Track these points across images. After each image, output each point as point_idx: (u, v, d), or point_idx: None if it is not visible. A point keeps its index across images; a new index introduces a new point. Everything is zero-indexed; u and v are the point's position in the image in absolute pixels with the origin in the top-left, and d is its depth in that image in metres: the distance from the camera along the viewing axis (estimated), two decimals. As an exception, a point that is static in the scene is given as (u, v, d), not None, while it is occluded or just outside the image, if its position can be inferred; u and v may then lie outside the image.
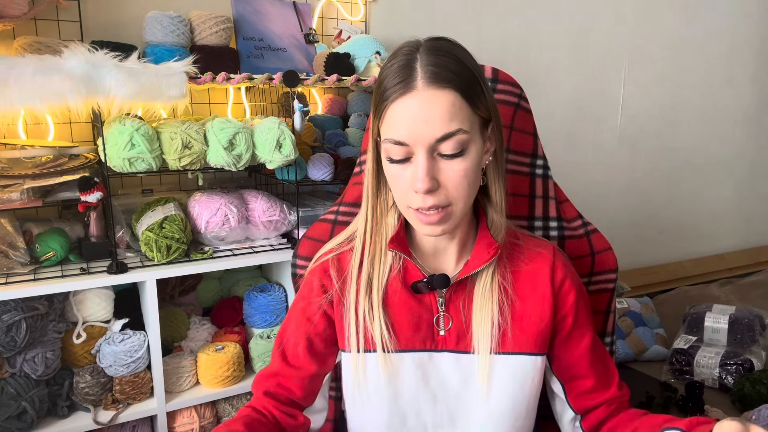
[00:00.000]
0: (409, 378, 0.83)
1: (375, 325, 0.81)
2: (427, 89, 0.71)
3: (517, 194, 1.01)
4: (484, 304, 0.82)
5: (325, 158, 1.62)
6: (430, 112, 0.71)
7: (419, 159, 0.73)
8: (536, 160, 1.02)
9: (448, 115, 0.72)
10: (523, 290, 0.84)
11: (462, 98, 0.73)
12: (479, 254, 0.82)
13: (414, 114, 0.72)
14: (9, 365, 1.30)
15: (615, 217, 2.73)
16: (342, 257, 0.87)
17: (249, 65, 1.64)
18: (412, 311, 0.83)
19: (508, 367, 0.82)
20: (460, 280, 0.83)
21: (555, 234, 1.02)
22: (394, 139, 0.73)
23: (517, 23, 2.32)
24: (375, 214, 0.84)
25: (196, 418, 1.49)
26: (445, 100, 0.72)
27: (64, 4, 1.46)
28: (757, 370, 1.80)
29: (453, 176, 0.74)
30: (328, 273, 0.86)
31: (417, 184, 0.72)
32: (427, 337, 0.83)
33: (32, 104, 1.17)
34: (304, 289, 0.89)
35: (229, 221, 1.48)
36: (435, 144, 0.72)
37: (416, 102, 0.72)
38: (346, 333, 0.84)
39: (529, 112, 1.01)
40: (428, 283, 0.82)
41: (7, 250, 1.32)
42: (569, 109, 2.54)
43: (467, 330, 0.83)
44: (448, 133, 0.72)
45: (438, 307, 0.83)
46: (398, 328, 0.83)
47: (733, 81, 3.03)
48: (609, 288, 1.04)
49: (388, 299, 0.83)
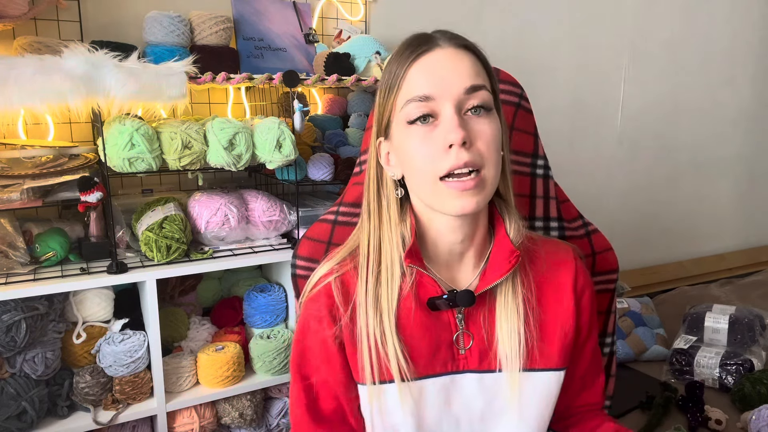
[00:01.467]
0: (431, 404, 0.77)
1: (390, 353, 0.73)
2: (451, 46, 0.71)
3: (518, 194, 1.00)
4: (509, 317, 0.75)
5: (325, 158, 1.62)
6: (458, 63, 0.70)
7: (447, 113, 0.69)
8: (537, 160, 1.02)
9: (474, 69, 0.70)
10: (546, 301, 0.79)
11: (481, 64, 0.72)
12: (499, 262, 0.76)
13: (441, 64, 0.69)
14: (9, 365, 1.30)
15: (615, 217, 2.73)
16: (345, 279, 0.78)
17: (249, 65, 1.64)
18: (429, 332, 0.76)
19: (536, 385, 0.78)
20: (478, 294, 0.75)
21: (555, 234, 1.02)
22: (418, 95, 0.69)
23: (517, 23, 2.32)
24: (380, 227, 0.77)
25: (196, 418, 1.49)
26: (470, 57, 0.71)
27: (64, 4, 1.46)
28: (757, 370, 1.80)
29: (483, 135, 0.69)
30: (333, 299, 0.76)
31: (449, 135, 0.67)
32: (448, 358, 0.77)
33: (32, 104, 1.17)
34: (311, 322, 0.78)
35: (229, 221, 1.48)
36: (463, 97, 0.69)
37: (442, 55, 0.70)
38: (359, 365, 0.75)
39: (530, 112, 1.01)
40: (449, 300, 0.74)
41: (7, 250, 1.31)
42: (569, 109, 2.53)
43: (490, 347, 0.77)
44: (477, 84, 0.69)
45: (457, 324, 0.77)
46: (416, 352, 0.75)
47: (733, 81, 3.03)
48: (610, 288, 1.04)
49: (401, 321, 0.75)
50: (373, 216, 0.78)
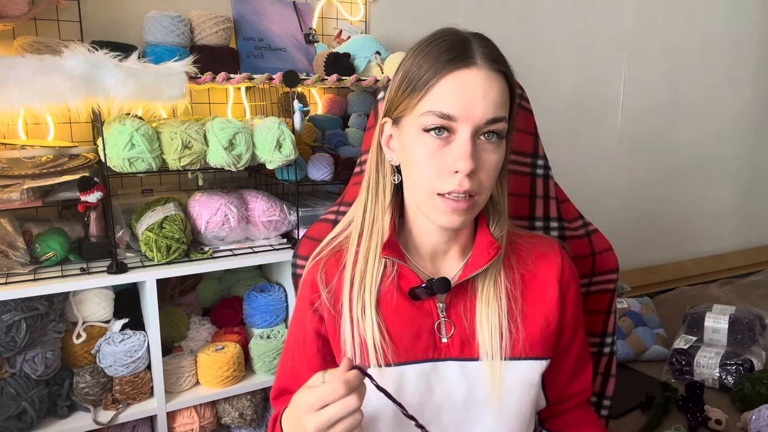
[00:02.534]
0: (412, 391, 0.78)
1: (368, 328, 0.76)
2: (487, 68, 0.70)
3: (518, 194, 1.01)
4: (489, 308, 0.78)
5: (325, 158, 1.62)
6: (488, 91, 0.69)
7: (463, 138, 0.69)
8: (537, 160, 1.02)
9: (501, 99, 0.70)
10: (531, 294, 0.81)
11: (509, 91, 0.72)
12: (479, 254, 0.79)
13: (473, 88, 0.69)
14: (9, 365, 1.30)
15: (615, 217, 2.72)
16: (329, 265, 0.82)
17: (249, 65, 1.64)
18: (411, 320, 0.78)
19: (517, 373, 0.79)
20: (460, 284, 0.79)
21: (555, 234, 1.02)
22: (441, 112, 0.69)
23: (517, 23, 2.32)
24: (373, 216, 0.80)
25: (196, 418, 1.49)
26: (501, 84, 0.71)
27: (64, 4, 1.46)
28: (757, 370, 1.80)
29: (488, 164, 0.71)
30: (315, 286, 0.81)
31: (460, 162, 0.69)
32: (429, 345, 0.79)
33: (32, 104, 1.17)
34: (297, 304, 0.85)
35: (229, 221, 1.48)
36: (483, 125, 0.69)
37: (476, 77, 0.69)
38: (342, 349, 0.79)
39: (530, 112, 1.01)
40: (427, 288, 0.77)
41: (7, 250, 1.31)
42: (569, 108, 2.53)
43: (472, 336, 0.79)
44: (499, 116, 0.70)
45: (439, 313, 0.79)
46: (397, 338, 0.78)
47: (733, 81, 3.03)
48: (610, 288, 1.04)
49: (382, 309, 0.78)
50: (371, 192, 0.80)
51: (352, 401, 0.63)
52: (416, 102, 0.71)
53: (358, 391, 0.64)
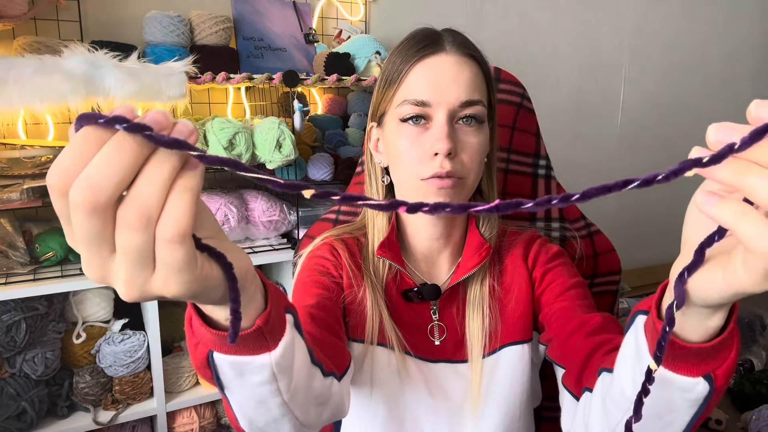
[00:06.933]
0: (415, 383, 0.78)
1: (385, 317, 0.76)
2: (455, 53, 0.71)
3: (519, 195, 1.01)
4: (477, 309, 0.78)
5: (325, 158, 1.61)
6: (459, 74, 0.70)
7: (439, 120, 0.70)
8: (539, 160, 1.01)
9: (474, 83, 0.71)
10: (507, 284, 0.80)
11: (482, 77, 0.73)
12: (470, 256, 0.78)
13: (443, 72, 0.70)
14: (9, 365, 1.30)
15: (615, 217, 2.72)
16: (349, 242, 0.81)
17: (249, 65, 1.64)
18: (409, 318, 0.79)
19: (501, 365, 0.78)
20: (451, 287, 0.79)
21: (557, 235, 1.02)
22: (416, 99, 0.70)
23: (518, 23, 2.32)
24: (373, 217, 0.81)
25: (195, 418, 1.49)
26: (472, 68, 0.72)
27: (64, 4, 1.46)
28: (757, 370, 1.80)
29: (469, 146, 0.71)
30: (336, 252, 0.79)
31: (437, 144, 0.69)
32: (426, 347, 0.79)
33: (32, 104, 1.17)
34: (314, 260, 0.79)
35: (229, 221, 1.48)
36: (458, 108, 0.70)
37: (446, 62, 0.71)
38: (360, 320, 0.77)
39: (532, 112, 1.01)
40: (419, 293, 0.78)
41: (7, 250, 1.31)
42: (569, 108, 2.53)
43: (463, 338, 0.79)
44: (474, 99, 0.71)
45: (431, 316, 0.80)
46: (402, 329, 0.78)
47: (733, 81, 3.03)
48: (612, 290, 1.03)
49: (390, 298, 0.79)
50: (370, 194, 0.82)
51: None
52: (392, 95, 0.73)
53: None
